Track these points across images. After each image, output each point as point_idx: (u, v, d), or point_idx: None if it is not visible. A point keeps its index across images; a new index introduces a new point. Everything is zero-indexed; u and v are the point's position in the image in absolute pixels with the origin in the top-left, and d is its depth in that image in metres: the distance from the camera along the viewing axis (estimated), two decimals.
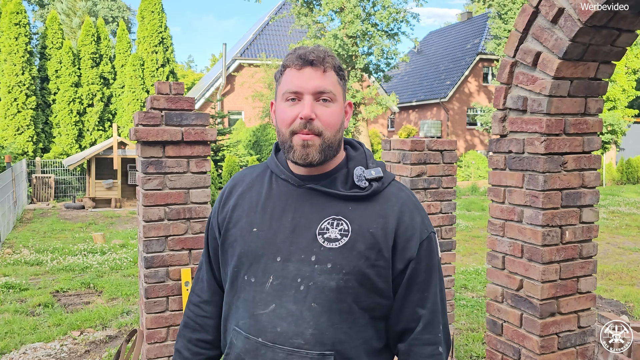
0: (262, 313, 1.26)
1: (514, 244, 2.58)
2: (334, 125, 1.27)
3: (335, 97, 1.27)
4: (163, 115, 2.84)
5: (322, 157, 1.26)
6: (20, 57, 18.02)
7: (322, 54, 1.27)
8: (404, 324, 1.31)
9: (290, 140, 1.26)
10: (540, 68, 2.41)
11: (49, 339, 4.71)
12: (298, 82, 1.25)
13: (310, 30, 19.26)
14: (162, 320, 2.91)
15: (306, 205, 1.28)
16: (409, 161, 3.40)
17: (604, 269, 7.33)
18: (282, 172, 1.34)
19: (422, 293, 1.30)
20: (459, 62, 26.98)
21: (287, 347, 1.23)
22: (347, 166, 1.33)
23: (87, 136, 19.68)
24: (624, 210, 13.25)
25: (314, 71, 1.26)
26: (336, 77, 1.29)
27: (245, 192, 1.38)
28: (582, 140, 2.50)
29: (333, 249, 1.24)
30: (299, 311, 1.23)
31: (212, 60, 51.36)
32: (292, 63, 1.27)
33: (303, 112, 1.23)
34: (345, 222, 1.26)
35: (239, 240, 1.33)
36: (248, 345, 1.27)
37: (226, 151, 17.88)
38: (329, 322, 1.23)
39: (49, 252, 8.56)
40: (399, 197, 1.32)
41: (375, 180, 1.30)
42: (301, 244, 1.26)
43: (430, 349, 1.30)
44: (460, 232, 10.45)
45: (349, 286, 1.23)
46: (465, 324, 5.02)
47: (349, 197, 1.28)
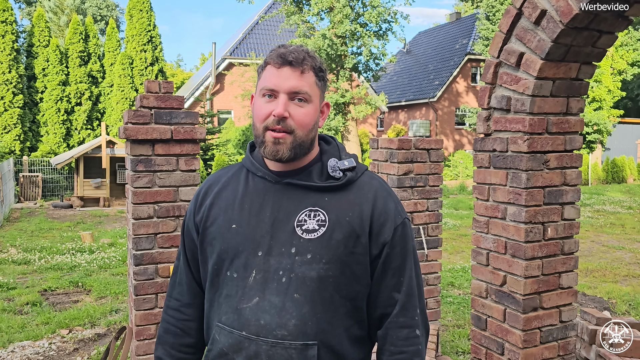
0: (245, 307, 1.28)
1: (498, 240, 2.63)
2: (307, 125, 1.30)
3: (310, 98, 1.30)
4: (152, 113, 2.86)
5: (292, 154, 1.29)
6: (7, 55, 17.86)
7: (301, 55, 1.30)
8: (381, 309, 1.35)
9: (263, 136, 1.29)
10: (524, 68, 2.47)
11: (37, 337, 4.70)
12: (275, 80, 1.28)
13: (299, 30, 19.28)
14: (151, 317, 2.94)
15: (283, 200, 1.31)
16: (396, 160, 3.45)
17: (588, 267, 7.44)
18: (259, 170, 1.36)
19: (398, 277, 1.34)
20: (448, 62, 27.15)
21: (270, 339, 1.25)
22: (321, 159, 1.37)
23: (75, 135, 19.55)
24: (609, 209, 13.44)
25: (292, 71, 1.28)
26: (314, 78, 1.32)
27: (221, 190, 1.39)
28: (564, 139, 2.56)
29: (312, 239, 1.27)
30: (281, 303, 1.26)
31: (202, 59, 51.17)
32: (273, 61, 1.30)
33: (276, 110, 1.26)
34: (322, 213, 1.29)
35: (218, 238, 1.34)
36: (231, 340, 1.29)
37: (216, 150, 17.86)
38: (312, 312, 1.26)
39: (37, 251, 8.51)
40: (372, 185, 1.36)
41: (349, 170, 1.34)
42: (280, 238, 1.28)
43: (407, 332, 1.33)
44: (448, 230, 10.54)
45: (329, 275, 1.27)
46: (452, 320, 5.09)
47: (325, 188, 1.32)
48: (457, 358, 4.12)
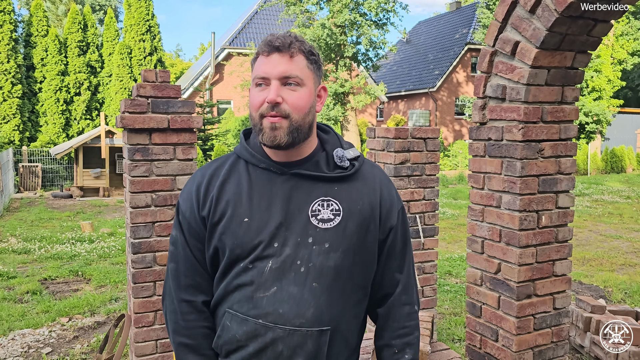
0: (262, 296, 1.28)
1: (493, 228, 2.65)
2: (302, 108, 1.30)
3: (302, 82, 1.30)
4: (149, 102, 2.87)
5: (290, 139, 1.29)
6: (5, 44, 17.79)
7: (288, 40, 1.30)
8: (385, 289, 1.42)
9: (260, 123, 1.30)
10: (519, 57, 2.48)
11: (37, 325, 4.74)
12: (265, 67, 1.29)
13: (298, 19, 19.19)
14: (149, 304, 2.96)
15: (293, 191, 1.32)
16: (392, 149, 3.46)
17: (585, 256, 7.48)
18: (261, 161, 1.35)
19: (401, 259, 1.42)
20: (448, 52, 27.05)
21: (288, 326, 1.27)
22: (325, 149, 1.39)
23: (75, 125, 19.53)
24: (607, 199, 13.47)
25: (281, 57, 1.29)
26: (305, 62, 1.32)
27: (224, 184, 1.36)
28: (558, 128, 2.57)
29: (328, 229, 1.30)
30: (300, 293, 1.28)
31: (201, 49, 50.99)
32: (262, 50, 1.31)
33: (269, 96, 1.27)
34: (335, 202, 1.32)
35: (229, 233, 1.32)
36: (246, 327, 1.29)
37: (215, 140, 17.85)
38: (328, 300, 1.29)
39: (37, 241, 8.55)
40: (375, 175, 1.41)
41: (355, 159, 1.38)
42: (296, 228, 1.29)
43: (408, 308, 1.42)
44: (447, 220, 10.57)
45: (345, 264, 1.31)
46: (449, 308, 5.13)
47: (334, 178, 1.34)
48: (453, 345, 4.16)
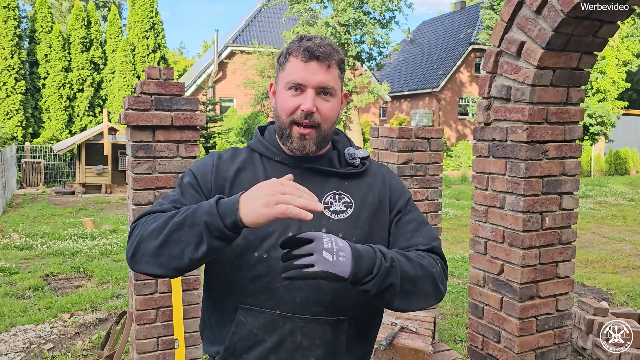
0: (279, 286, 1.28)
1: (496, 229, 2.64)
2: (332, 118, 1.35)
3: (335, 92, 1.34)
4: (153, 99, 2.87)
5: (318, 148, 1.36)
6: (9, 40, 17.82)
7: (329, 50, 1.32)
8: None
9: (290, 130, 1.33)
10: (524, 58, 2.46)
11: (39, 321, 4.74)
12: (303, 74, 1.30)
13: (302, 18, 19.17)
14: (151, 302, 2.96)
15: (305, 184, 1.32)
16: (396, 148, 3.45)
17: (588, 258, 7.46)
18: (276, 155, 1.39)
19: (417, 239, 1.37)
20: (452, 52, 27.00)
21: (307, 315, 1.28)
22: (337, 148, 1.45)
23: (77, 122, 19.55)
24: (611, 201, 13.42)
25: (319, 66, 1.30)
26: (338, 71, 1.36)
27: (240, 171, 1.38)
28: (563, 129, 2.56)
29: (341, 220, 1.34)
30: (317, 280, 1.26)
31: (204, 46, 50.99)
32: (299, 54, 1.31)
33: (305, 105, 1.29)
34: (347, 196, 1.37)
35: None
36: (263, 320, 1.29)
37: (218, 138, 17.85)
38: (344, 288, 1.29)
39: (39, 237, 8.56)
40: (382, 171, 1.48)
41: (365, 158, 1.45)
42: None
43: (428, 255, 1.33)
44: (449, 220, 10.55)
45: None
46: (451, 309, 5.11)
47: (345, 175, 1.39)
48: (455, 346, 4.14)
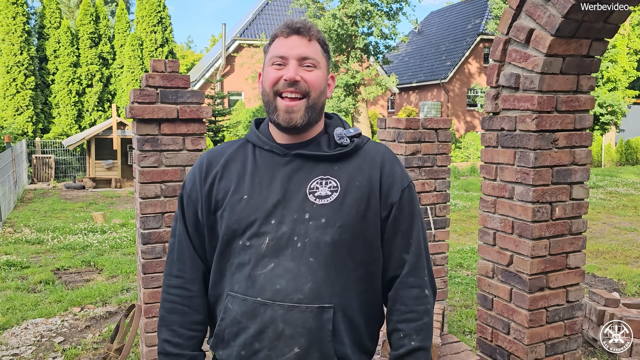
0: (259, 273, 1.29)
1: (505, 220, 2.61)
2: (319, 87, 1.35)
3: (318, 64, 1.36)
4: (158, 92, 2.86)
5: (307, 119, 1.34)
6: (19, 36, 17.91)
7: (308, 24, 1.38)
8: (392, 271, 1.38)
9: (275, 101, 1.34)
10: (533, 45, 2.42)
11: (50, 314, 4.79)
12: (284, 48, 1.34)
13: (309, 10, 19.09)
14: (159, 295, 2.96)
15: (293, 171, 1.34)
16: (403, 139, 3.42)
17: (599, 248, 7.39)
18: (266, 144, 1.39)
19: (407, 239, 1.38)
20: (460, 43, 26.77)
21: (287, 302, 1.26)
22: (327, 132, 1.43)
23: (87, 117, 19.65)
24: (622, 191, 13.30)
25: (300, 39, 1.35)
26: (320, 48, 1.39)
27: (229, 162, 1.40)
28: (573, 118, 2.52)
29: (325, 204, 1.31)
30: (297, 267, 1.27)
31: (212, 40, 51.01)
32: (280, 32, 1.37)
33: (288, 74, 1.32)
34: (334, 180, 1.34)
35: (228, 209, 1.35)
36: (245, 307, 1.29)
37: (226, 132, 17.87)
38: (326, 275, 1.28)
39: (50, 231, 8.63)
40: (379, 150, 1.42)
41: (355, 137, 1.40)
42: (293, 206, 1.31)
43: (417, 292, 1.36)
44: (458, 212, 10.50)
45: (343, 239, 1.30)
46: (460, 300, 5.09)
47: (334, 157, 1.36)
48: (464, 337, 4.13)
